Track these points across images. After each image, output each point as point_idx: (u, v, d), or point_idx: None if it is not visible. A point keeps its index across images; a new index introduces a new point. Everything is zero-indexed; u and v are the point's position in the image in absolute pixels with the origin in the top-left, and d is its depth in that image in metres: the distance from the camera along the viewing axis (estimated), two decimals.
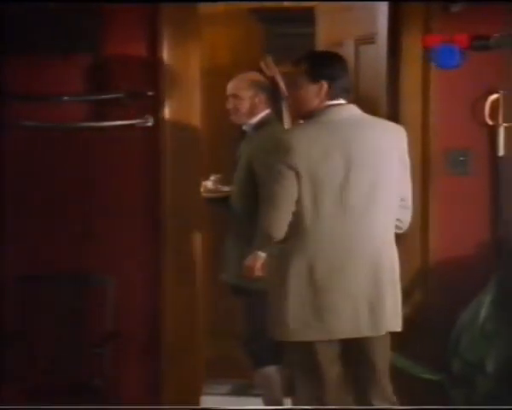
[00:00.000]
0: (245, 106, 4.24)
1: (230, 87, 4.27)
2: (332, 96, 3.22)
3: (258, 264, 3.92)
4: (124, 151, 4.09)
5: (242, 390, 5.10)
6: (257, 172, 4.06)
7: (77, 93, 4.03)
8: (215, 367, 4.96)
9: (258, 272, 3.95)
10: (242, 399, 4.95)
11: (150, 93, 4.01)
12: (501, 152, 3.94)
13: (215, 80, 5.49)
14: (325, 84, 3.21)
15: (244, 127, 4.31)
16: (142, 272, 4.10)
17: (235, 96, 4.24)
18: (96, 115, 4.04)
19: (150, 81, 4.04)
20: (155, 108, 4.03)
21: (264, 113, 4.26)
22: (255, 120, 4.26)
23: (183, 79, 4.07)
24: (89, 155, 4.09)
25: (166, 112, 4.05)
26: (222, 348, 5.22)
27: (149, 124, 4.03)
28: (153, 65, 4.03)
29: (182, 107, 4.07)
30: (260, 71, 5.34)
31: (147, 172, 4.09)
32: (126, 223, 4.10)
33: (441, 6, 3.91)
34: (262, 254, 3.96)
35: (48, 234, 4.10)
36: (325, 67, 3.26)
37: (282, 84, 4.95)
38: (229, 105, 4.24)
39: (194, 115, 4.12)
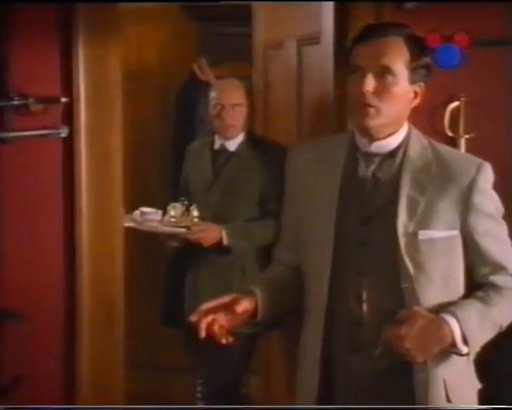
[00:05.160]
0: (243, 117, 3.92)
1: (228, 96, 3.90)
2: None
3: None
4: (34, 166, 3.61)
5: None
6: (268, 201, 3.80)
7: None
8: (138, 403, 4.57)
9: None
10: None
11: (64, 99, 3.56)
12: None
13: (142, 84, 5.34)
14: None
15: (228, 144, 3.93)
16: (54, 306, 3.63)
17: (239, 104, 3.88)
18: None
19: (64, 86, 3.59)
20: (70, 116, 3.59)
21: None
22: (243, 135, 3.93)
23: (103, 83, 3.62)
24: None
25: (83, 121, 3.59)
26: (145, 382, 4.91)
27: (63, 135, 3.58)
28: (67, 68, 3.59)
29: (101, 115, 3.61)
30: (192, 74, 5.06)
31: (60, 191, 3.62)
32: (36, 252, 3.62)
33: (394, 3, 3.57)
34: None
35: None
36: None
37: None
38: (226, 116, 3.87)
39: (116, 125, 3.66)
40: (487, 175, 2.32)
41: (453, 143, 3.57)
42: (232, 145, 3.92)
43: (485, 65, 3.51)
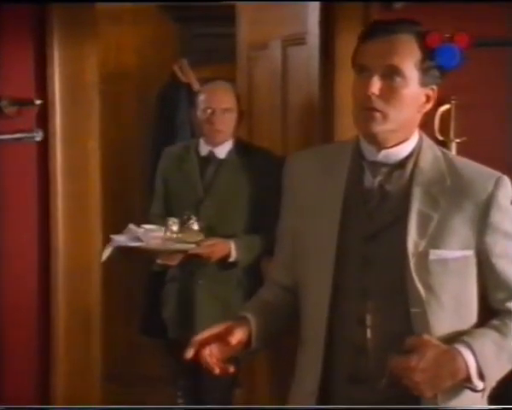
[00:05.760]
0: (233, 122, 3.75)
1: (219, 100, 3.71)
2: None
3: None
4: (7, 171, 3.47)
5: None
6: (263, 212, 3.60)
7: None
8: None
9: None
10: None
11: (39, 101, 3.43)
12: None
13: (120, 86, 5.19)
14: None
15: (217, 151, 3.74)
16: (29, 316, 3.49)
17: (229, 110, 3.70)
18: None
19: (39, 88, 3.45)
20: (45, 119, 3.46)
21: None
22: (233, 141, 3.76)
23: (79, 85, 3.49)
24: None
25: (58, 124, 3.46)
26: (123, 393, 4.75)
27: (38, 138, 3.45)
28: (42, 69, 3.46)
29: (77, 118, 3.48)
30: (173, 76, 4.93)
31: (35, 197, 3.49)
32: (9, 260, 3.47)
33: (381, 3, 3.45)
34: None
35: None
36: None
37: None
38: (216, 121, 3.69)
39: (93, 128, 3.53)
40: (507, 190, 2.09)
41: (444, 147, 3.49)
42: (221, 152, 3.73)
43: (485, 65, 3.41)
